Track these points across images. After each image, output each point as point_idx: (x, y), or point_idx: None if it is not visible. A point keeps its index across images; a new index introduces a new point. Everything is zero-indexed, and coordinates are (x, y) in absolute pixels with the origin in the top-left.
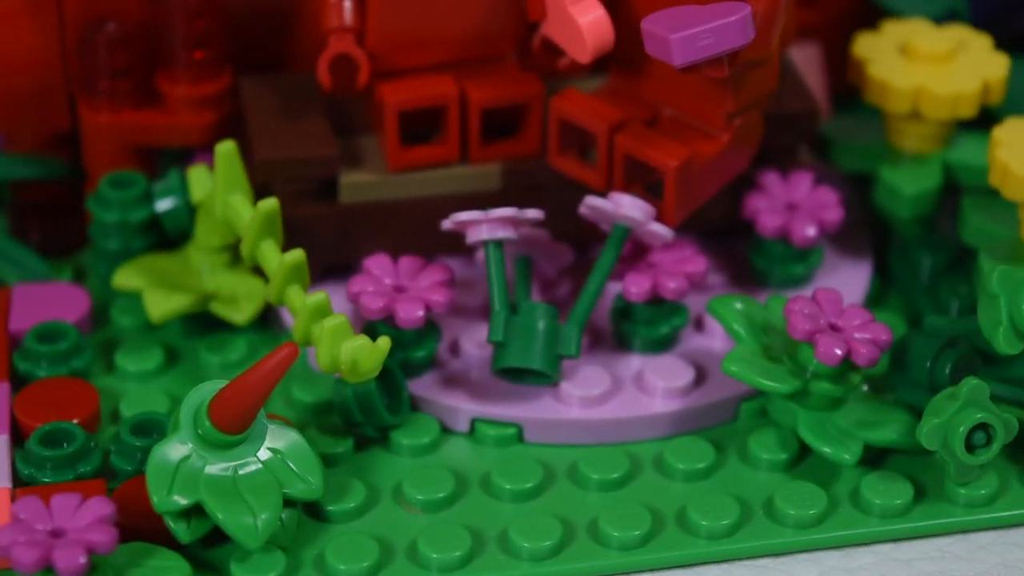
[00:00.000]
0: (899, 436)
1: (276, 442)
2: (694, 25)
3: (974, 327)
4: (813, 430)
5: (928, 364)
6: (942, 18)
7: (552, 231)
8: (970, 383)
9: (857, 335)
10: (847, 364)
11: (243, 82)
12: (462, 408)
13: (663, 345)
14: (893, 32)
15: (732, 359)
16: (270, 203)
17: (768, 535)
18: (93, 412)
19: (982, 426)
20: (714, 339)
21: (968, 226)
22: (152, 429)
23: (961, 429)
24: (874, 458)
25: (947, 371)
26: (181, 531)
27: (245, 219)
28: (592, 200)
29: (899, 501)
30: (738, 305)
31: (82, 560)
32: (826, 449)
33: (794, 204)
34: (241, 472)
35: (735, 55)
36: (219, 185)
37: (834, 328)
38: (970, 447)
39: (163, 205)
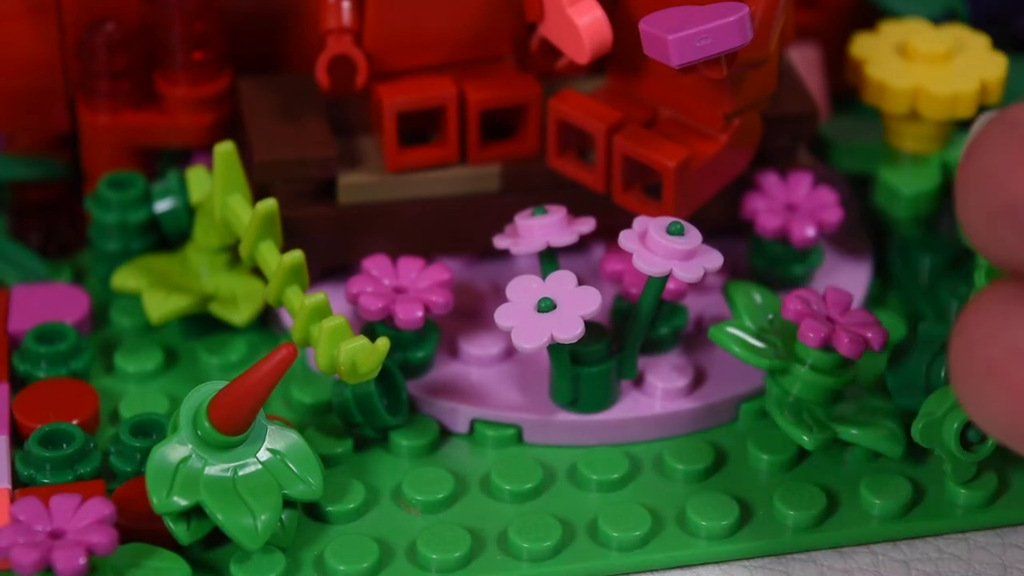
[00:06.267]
0: (873, 439)
1: (276, 443)
2: (692, 25)
3: None
4: (783, 408)
5: (924, 368)
6: (940, 18)
7: None
8: None
9: (848, 328)
10: (837, 358)
11: (242, 83)
12: (461, 409)
13: (663, 346)
14: (891, 33)
15: (719, 326)
16: (269, 204)
17: (768, 535)
18: (92, 413)
19: None
20: None
21: None
22: (151, 430)
23: (955, 425)
24: (873, 458)
25: (943, 374)
26: (181, 532)
27: (244, 220)
28: (627, 245)
29: (898, 501)
30: (755, 292)
31: (81, 561)
32: (788, 427)
33: (793, 205)
34: (241, 473)
35: (733, 56)
36: (218, 186)
37: (830, 320)
38: (966, 444)
39: (162, 206)
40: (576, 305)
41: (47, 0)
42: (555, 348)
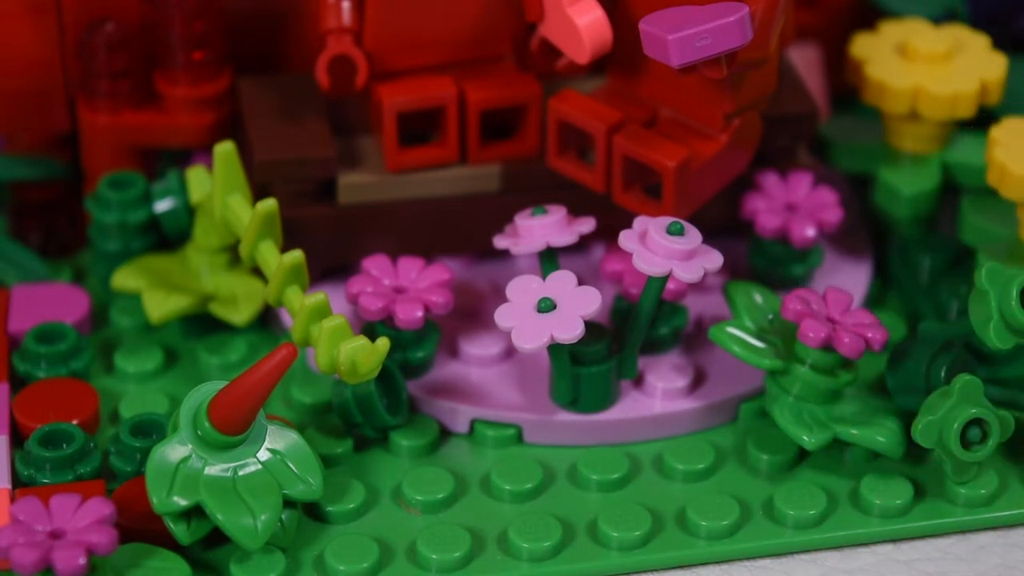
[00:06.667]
0: (873, 439)
1: (276, 443)
2: (692, 25)
3: (968, 329)
4: (783, 408)
5: (924, 368)
6: (940, 18)
7: None
8: (963, 379)
9: (848, 328)
10: (837, 358)
11: (242, 83)
12: (461, 409)
13: (663, 346)
14: (891, 33)
15: (719, 326)
16: (269, 204)
17: (768, 536)
18: (92, 413)
19: (977, 422)
20: None
21: (967, 226)
22: (151, 430)
23: (955, 425)
24: (873, 458)
25: (942, 374)
26: (181, 532)
27: (244, 220)
28: (627, 245)
29: (899, 501)
30: (755, 292)
31: (82, 561)
32: (788, 427)
33: (793, 205)
34: (241, 473)
35: (733, 56)
36: (218, 186)
37: (830, 320)
38: (966, 444)
39: (162, 206)
40: (576, 305)
41: (47, 0)
42: (555, 348)
